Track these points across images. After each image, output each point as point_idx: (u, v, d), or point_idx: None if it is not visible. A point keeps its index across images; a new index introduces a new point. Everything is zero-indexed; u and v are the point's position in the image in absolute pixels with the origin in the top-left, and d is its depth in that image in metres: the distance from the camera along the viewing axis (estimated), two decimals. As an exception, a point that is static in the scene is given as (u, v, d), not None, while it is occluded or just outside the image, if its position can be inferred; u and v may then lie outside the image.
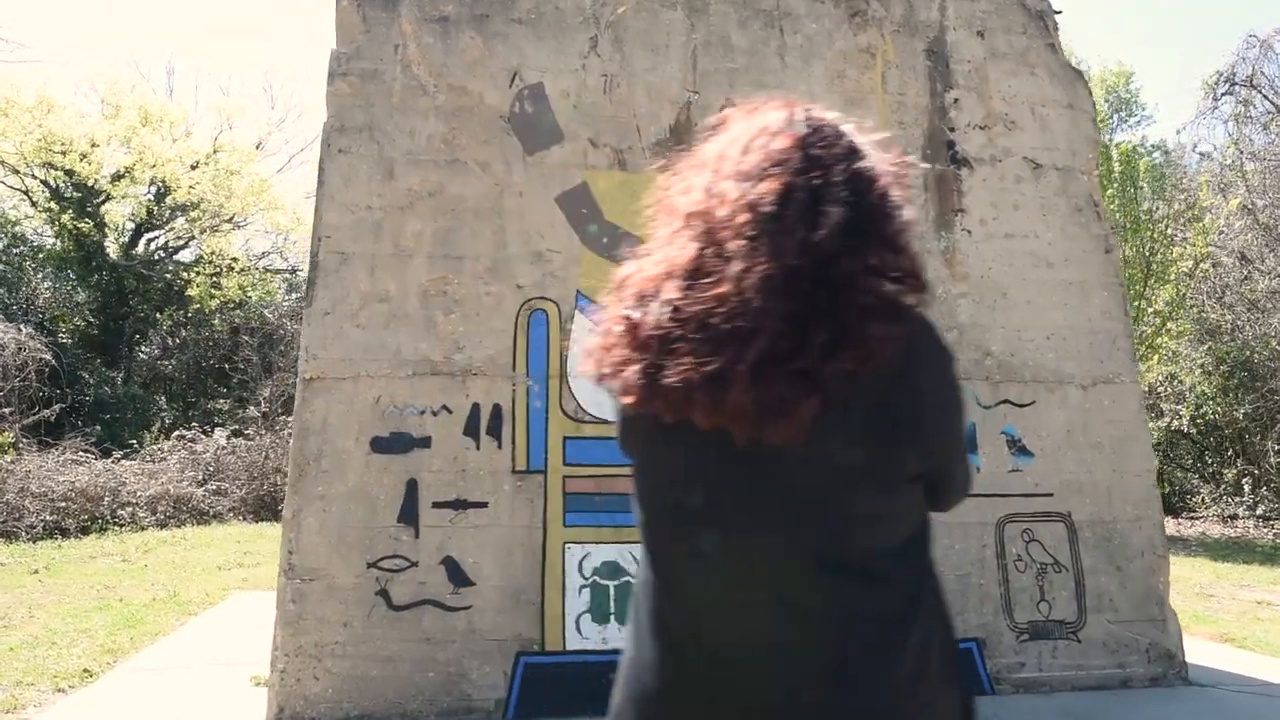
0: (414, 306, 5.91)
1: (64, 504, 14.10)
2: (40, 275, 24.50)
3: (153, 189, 26.46)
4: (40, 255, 25.68)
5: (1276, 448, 18.39)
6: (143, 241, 27.45)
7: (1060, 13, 7.11)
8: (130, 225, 26.98)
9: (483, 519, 5.70)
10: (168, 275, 26.34)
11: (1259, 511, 18.06)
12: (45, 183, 25.46)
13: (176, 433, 18.11)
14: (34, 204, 25.89)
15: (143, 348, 25.37)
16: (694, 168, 1.71)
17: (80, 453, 16.03)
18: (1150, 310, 16.77)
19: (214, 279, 25.11)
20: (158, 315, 25.77)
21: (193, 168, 26.09)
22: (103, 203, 25.70)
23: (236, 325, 24.97)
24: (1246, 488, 18.60)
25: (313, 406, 5.72)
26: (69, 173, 24.49)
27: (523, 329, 5.95)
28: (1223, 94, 22.11)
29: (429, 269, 5.96)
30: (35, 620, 8.35)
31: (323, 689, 5.37)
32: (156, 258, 27.38)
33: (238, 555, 12.38)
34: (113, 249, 26.34)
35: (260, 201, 27.34)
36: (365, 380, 5.79)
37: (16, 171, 24.92)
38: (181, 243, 27.74)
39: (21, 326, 17.72)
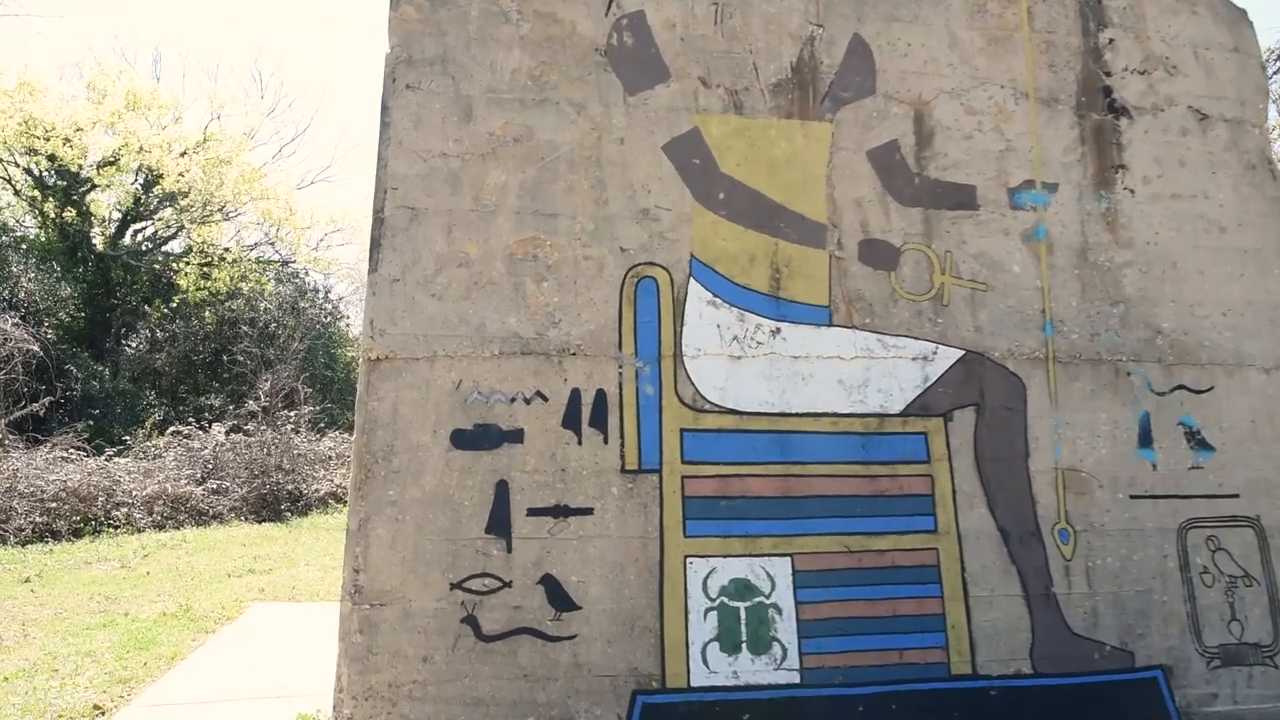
0: (499, 273, 4.81)
1: (54, 504, 12.81)
2: (23, 267, 23.02)
3: (140, 177, 25.04)
4: (24, 246, 24.17)
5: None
6: (130, 232, 25.99)
7: (1212, -52, 6.14)
8: (117, 215, 25.53)
9: (588, 529, 4.63)
10: (156, 266, 24.92)
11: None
12: (28, 170, 23.97)
13: (172, 429, 16.80)
14: (16, 192, 24.38)
15: (130, 341, 23.96)
16: None
17: (71, 450, 14.72)
18: None
19: (204, 269, 23.76)
20: (145, 308, 24.36)
21: (182, 155, 24.69)
22: (88, 191, 24.24)
23: (228, 318, 23.62)
24: None
25: (380, 393, 4.61)
26: (51, 159, 23.02)
27: (629, 300, 4.87)
28: None
29: (516, 228, 4.87)
30: (31, 641, 7.15)
31: (400, 740, 4.27)
32: (144, 248, 25.94)
33: (246, 560, 11.18)
34: (99, 239, 24.89)
35: (251, 191, 25.95)
36: (443, 361, 4.68)
37: (-2, 157, 23.41)
38: (170, 233, 26.30)
39: (8, 316, 16.35)
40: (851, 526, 4.84)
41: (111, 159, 24.07)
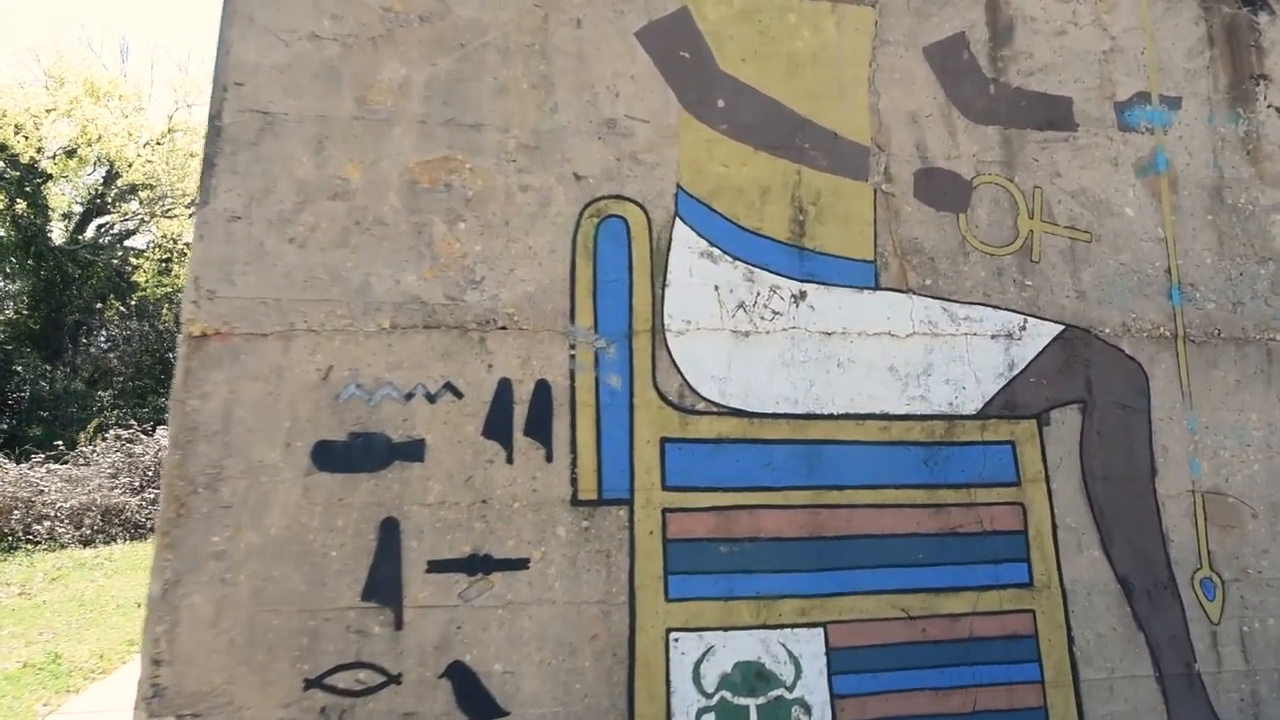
0: (394, 208, 3.15)
1: (-41, 519, 11.03)
2: (-28, 262, 21.16)
3: (101, 170, 23.19)
4: (-27, 240, 22.27)
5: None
6: (91, 227, 24.12)
7: None
8: (78, 209, 23.66)
9: (520, 590, 2.96)
10: (115, 261, 23.07)
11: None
12: (-23, 160, 22.08)
13: (113, 431, 15.00)
14: (-36, 183, 22.47)
15: (86, 340, 22.11)
16: None
17: (-9, 457, 12.92)
18: None
19: (163, 264, 21.96)
20: (101, 305, 22.51)
21: (145, 145, 22.87)
22: (43, 183, 22.37)
23: (192, 316, 21.78)
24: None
25: (205, 387, 2.93)
26: (2, 148, 21.15)
27: (586, 250, 3.22)
28: None
29: (421, 145, 3.21)
30: None
31: None
32: (103, 243, 24.08)
33: (167, 584, 9.42)
34: (58, 234, 23.02)
35: (220, 185, 24.10)
36: (305, 338, 3.01)
37: (-55, 146, 21.51)
38: (132, 228, 24.45)
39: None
40: (911, 581, 3.19)
41: (70, 148, 22.26)
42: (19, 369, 18.63)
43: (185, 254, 22.14)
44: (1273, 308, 3.71)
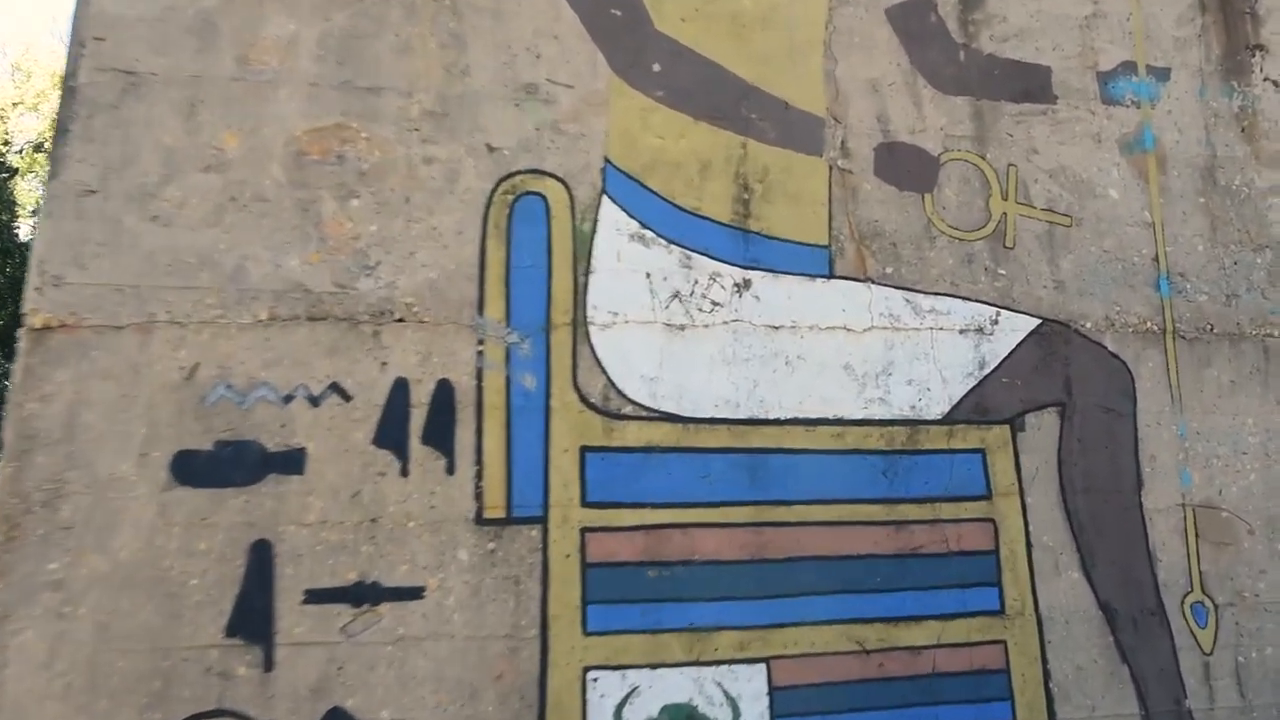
0: (276, 182, 2.71)
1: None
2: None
3: (70, 163, 22.52)
4: (-63, 234, 21.61)
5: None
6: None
7: None
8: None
9: (413, 623, 2.54)
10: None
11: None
12: (-58, 153, 21.42)
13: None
14: (-70, 177, 21.82)
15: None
16: None
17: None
18: None
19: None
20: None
21: (114, 139, 22.24)
22: (10, 178, 21.72)
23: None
24: None
25: (47, 386, 2.49)
26: (-34, 140, 20.50)
27: (498, 231, 2.79)
28: None
29: (311, 110, 2.77)
30: None
31: None
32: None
33: None
34: (25, 230, 22.36)
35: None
36: (166, 331, 2.58)
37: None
38: (104, 223, 23.78)
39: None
40: (866, 609, 2.78)
41: (38, 143, 21.63)
42: (-19, 367, 18.04)
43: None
44: (1270, 300, 3.33)
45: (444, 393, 2.67)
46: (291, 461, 2.56)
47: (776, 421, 2.84)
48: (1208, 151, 3.39)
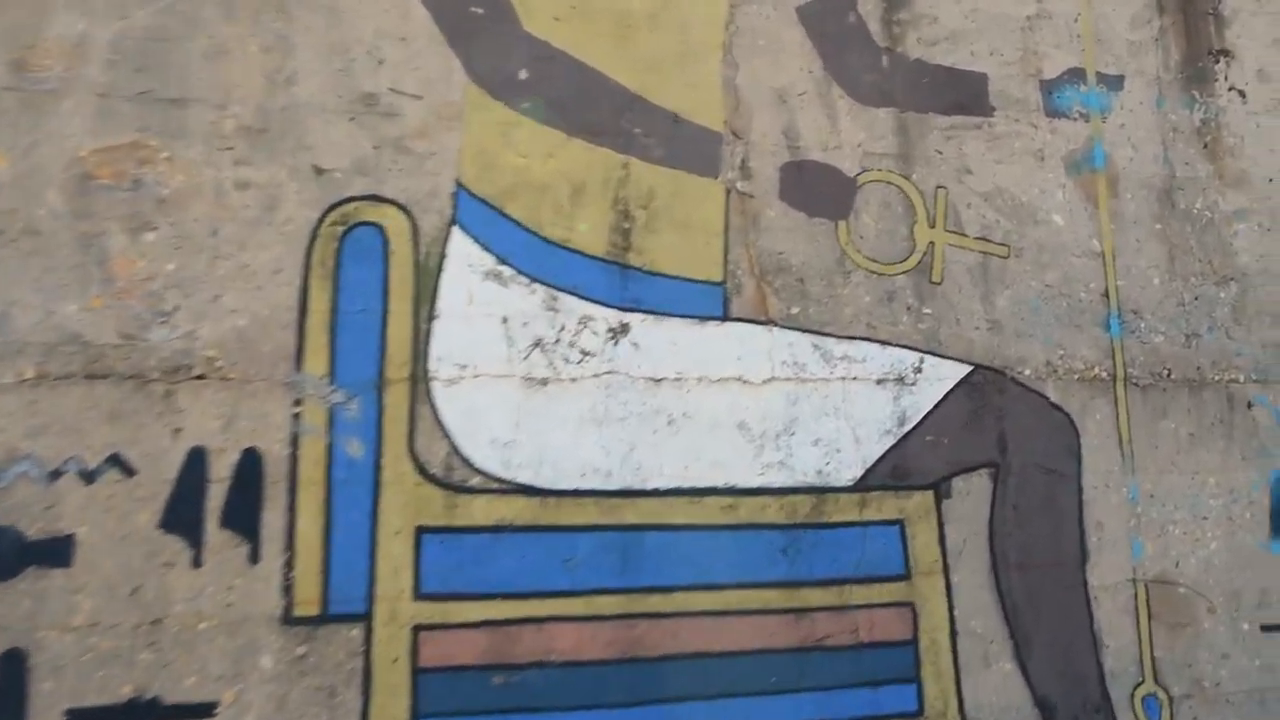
0: (54, 211, 2.25)
1: None
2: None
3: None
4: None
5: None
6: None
7: None
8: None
9: (204, 747, 2.10)
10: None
11: None
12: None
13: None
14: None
15: None
16: None
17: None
18: None
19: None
20: None
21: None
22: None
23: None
24: None
25: None
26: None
27: (324, 269, 2.34)
28: None
29: (101, 124, 2.31)
30: None
31: None
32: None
33: None
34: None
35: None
36: (-94, 393, 2.13)
37: None
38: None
39: None
40: (760, 716, 2.35)
41: None
42: None
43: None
44: (1235, 340, 2.90)
45: (250, 465, 2.22)
46: (56, 552, 2.10)
47: (655, 492, 2.40)
48: (1165, 170, 2.96)
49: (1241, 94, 3.09)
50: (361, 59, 2.48)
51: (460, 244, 2.42)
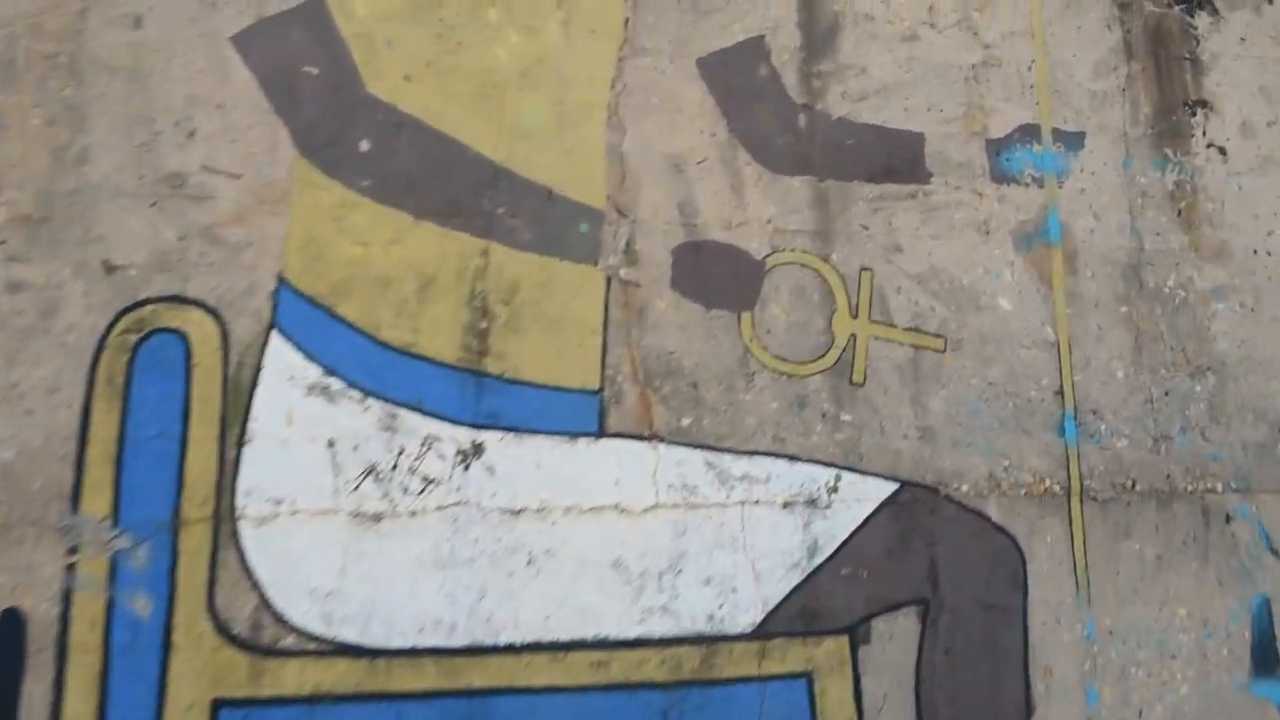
0: None
1: None
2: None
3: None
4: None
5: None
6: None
7: None
8: None
9: None
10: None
11: None
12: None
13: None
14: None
15: None
16: None
17: None
18: None
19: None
20: None
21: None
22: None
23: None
24: None
25: None
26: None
27: (112, 387, 1.96)
28: None
29: None
30: None
31: None
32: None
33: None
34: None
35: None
36: None
37: None
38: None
39: None
40: None
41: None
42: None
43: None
44: (1212, 442, 2.49)
45: (10, 629, 1.84)
46: None
47: (509, 648, 2.01)
48: (1133, 243, 2.55)
49: (1222, 151, 2.67)
50: (169, 132, 2.10)
51: (280, 352, 2.03)
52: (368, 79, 2.20)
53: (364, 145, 2.16)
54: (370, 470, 2.03)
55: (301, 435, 2.01)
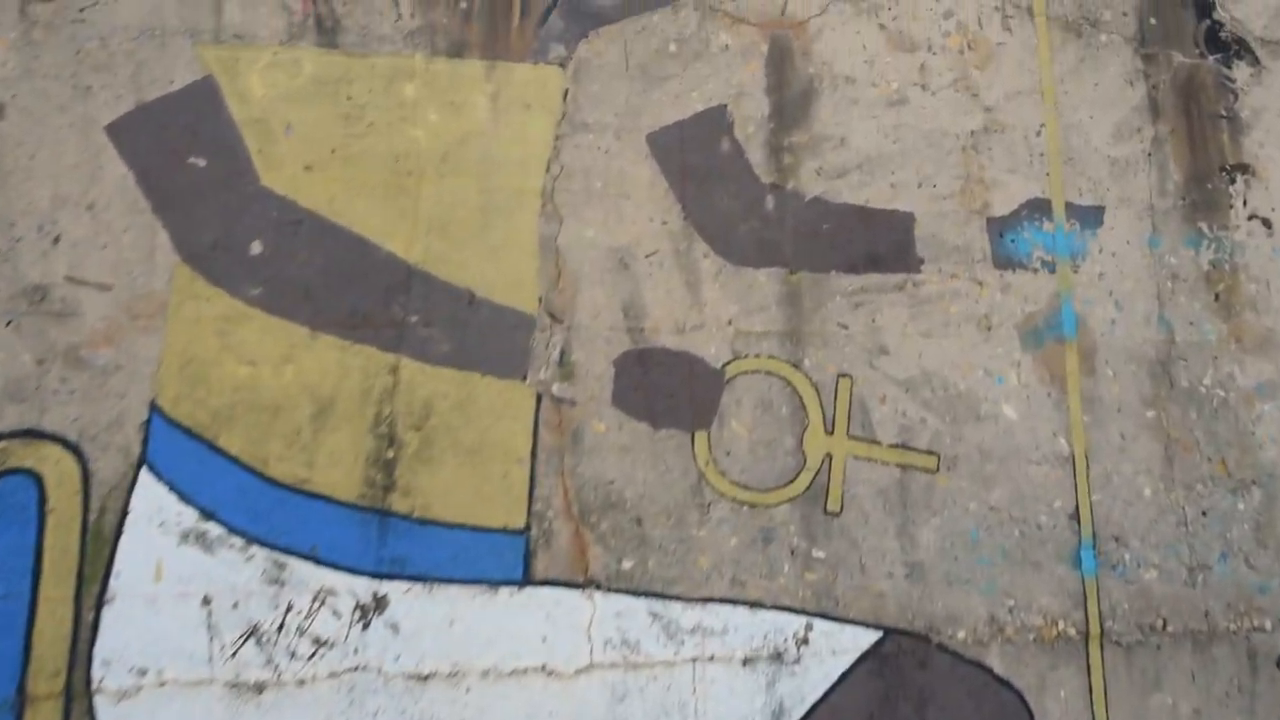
0: None
1: None
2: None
3: None
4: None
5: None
6: None
7: None
8: None
9: None
10: None
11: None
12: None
13: None
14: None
15: None
16: None
17: None
18: None
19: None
20: None
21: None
22: None
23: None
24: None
25: None
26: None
27: (-49, 540, 1.71)
28: None
29: None
30: None
31: None
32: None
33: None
34: None
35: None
36: None
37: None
38: None
39: None
40: None
41: None
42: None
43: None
44: (1259, 571, 2.11)
45: None
46: None
47: (411, 846, 1.71)
48: (1162, 335, 2.19)
49: (1266, 223, 2.30)
50: (31, 237, 1.83)
51: (150, 493, 1.75)
52: (263, 170, 1.92)
53: (256, 247, 1.88)
54: (252, 631, 1.74)
55: (172, 592, 1.73)
